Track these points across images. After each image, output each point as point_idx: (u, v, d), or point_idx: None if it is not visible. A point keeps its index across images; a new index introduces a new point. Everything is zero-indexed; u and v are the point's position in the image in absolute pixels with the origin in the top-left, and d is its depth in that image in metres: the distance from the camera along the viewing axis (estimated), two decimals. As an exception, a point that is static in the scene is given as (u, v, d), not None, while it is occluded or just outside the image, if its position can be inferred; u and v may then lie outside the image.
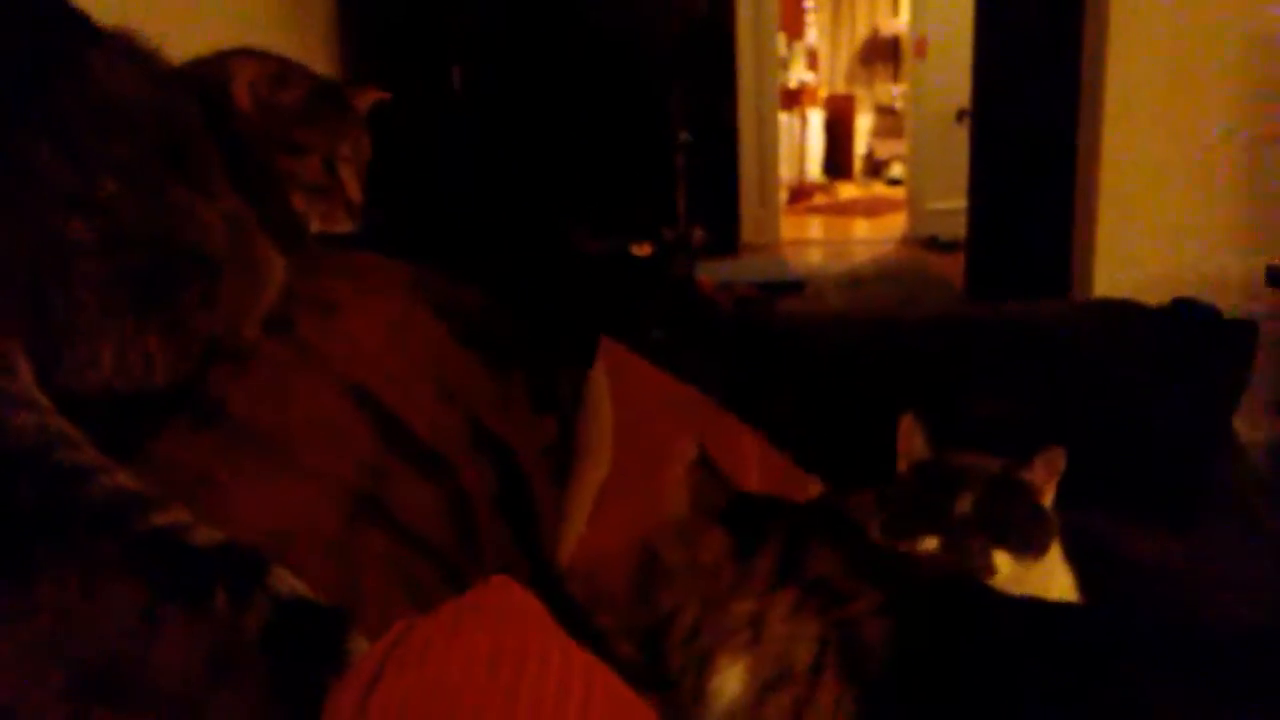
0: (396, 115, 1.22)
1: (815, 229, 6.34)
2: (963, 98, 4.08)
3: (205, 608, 0.59)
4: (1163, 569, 1.20)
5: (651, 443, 1.10)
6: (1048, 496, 1.09)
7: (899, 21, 7.45)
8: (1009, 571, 1.03)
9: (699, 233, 4.93)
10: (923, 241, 5.51)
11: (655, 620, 0.82)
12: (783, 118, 6.02)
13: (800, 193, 7.02)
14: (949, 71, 4.85)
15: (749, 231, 5.52)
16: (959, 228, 4.22)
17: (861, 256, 5.54)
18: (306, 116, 1.03)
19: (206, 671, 0.58)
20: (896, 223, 5.98)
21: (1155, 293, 1.71)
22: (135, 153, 0.78)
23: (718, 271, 4.60)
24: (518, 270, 1.45)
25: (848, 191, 7.37)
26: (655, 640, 0.85)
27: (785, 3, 6.30)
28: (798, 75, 7.30)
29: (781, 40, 6.21)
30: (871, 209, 6.63)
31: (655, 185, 3.15)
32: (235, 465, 0.72)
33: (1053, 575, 1.08)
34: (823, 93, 7.67)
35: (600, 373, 1.22)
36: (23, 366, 0.65)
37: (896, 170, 7.14)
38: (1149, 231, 2.71)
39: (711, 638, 0.83)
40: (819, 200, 7.08)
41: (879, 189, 7.34)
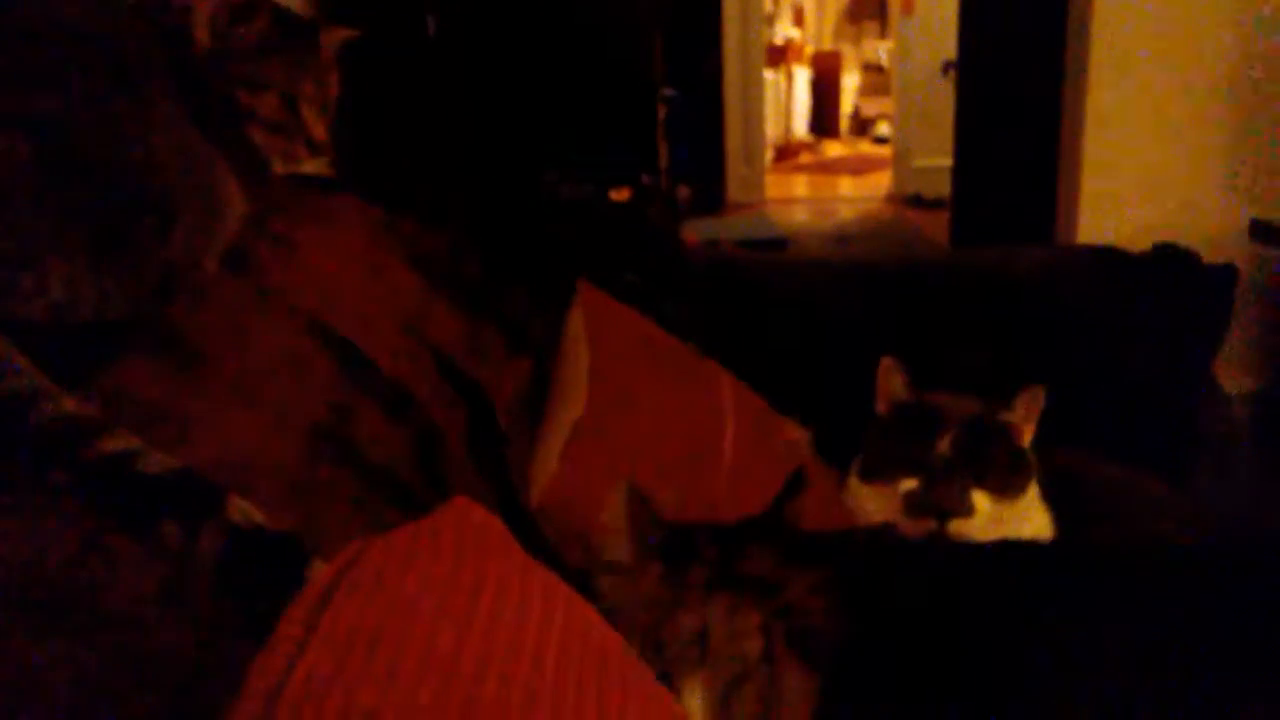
0: (370, 59, 1.19)
1: (801, 187, 6.30)
2: (950, 54, 4.04)
3: (155, 536, 0.57)
4: (1137, 501, 1.19)
5: (628, 385, 1.08)
6: (1027, 436, 1.08)
7: (887, -23, 7.37)
8: (988, 511, 1.02)
9: (684, 190, 4.90)
10: (908, 199, 5.49)
11: None
12: (768, 75, 5.95)
13: (786, 151, 6.97)
14: (937, 28, 4.80)
15: (734, 190, 5.48)
16: (944, 186, 4.19)
17: (847, 214, 5.52)
18: (266, 51, 1.00)
19: (159, 601, 0.56)
20: (882, 181, 5.95)
21: (1137, 246, 1.70)
22: (81, 75, 0.75)
23: (703, 230, 4.57)
24: (493, 214, 1.42)
25: (834, 150, 7.33)
26: None
27: (771, -43, 6.20)
28: (783, 31, 7.22)
29: (767, -5, 6.13)
30: (857, 167, 6.59)
31: (637, 139, 3.11)
32: (191, 397, 0.69)
33: (1030, 515, 1.08)
34: (809, 50, 7.59)
35: (577, 316, 1.20)
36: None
37: (883, 129, 7.10)
38: (1132, 186, 2.69)
39: (663, 664, 0.82)
40: (805, 159, 7.03)
41: (865, 147, 7.30)
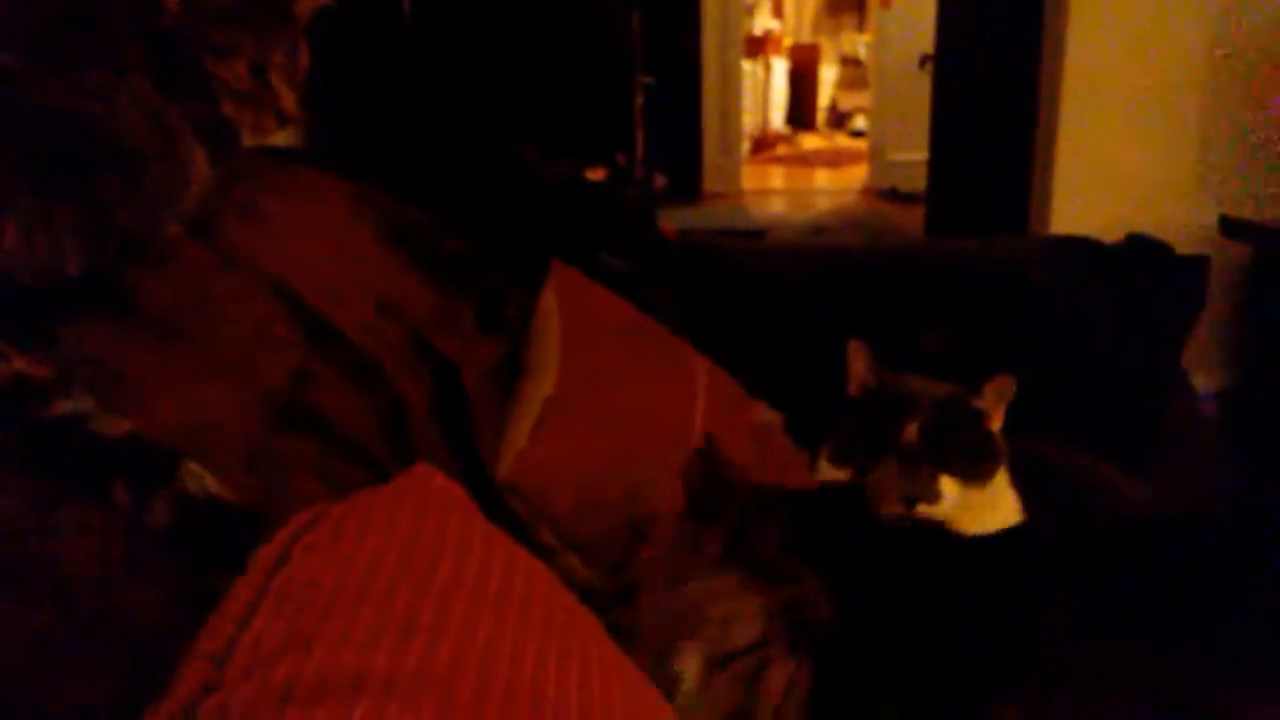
0: (343, 30, 1.17)
1: (777, 179, 6.30)
2: (927, 48, 4.05)
3: (106, 501, 0.55)
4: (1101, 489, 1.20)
5: (599, 364, 1.07)
6: (996, 422, 1.08)
7: (866, -30, 7.37)
8: (955, 497, 1.02)
9: (660, 179, 4.89)
10: (883, 193, 5.50)
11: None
12: (746, 65, 5.94)
13: (763, 142, 6.97)
14: (914, 22, 4.80)
15: (711, 180, 5.47)
16: (920, 180, 4.21)
17: (822, 206, 5.52)
18: (236, 18, 0.98)
19: (111, 567, 0.55)
20: (858, 174, 5.95)
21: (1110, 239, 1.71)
22: (43, 32, 0.73)
23: (679, 220, 4.56)
24: (468, 191, 1.40)
25: (810, 142, 7.33)
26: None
27: (751, -53, 6.19)
28: (762, 23, 7.21)
29: (747, -15, 6.12)
30: (834, 160, 6.60)
31: (614, 122, 3.09)
32: (150, 361, 0.68)
33: (998, 501, 1.08)
34: (787, 42, 7.58)
35: (550, 295, 1.19)
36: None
37: (859, 122, 7.11)
38: (1105, 182, 2.71)
39: (668, 625, 0.83)
40: (781, 150, 7.03)
41: (842, 140, 7.31)
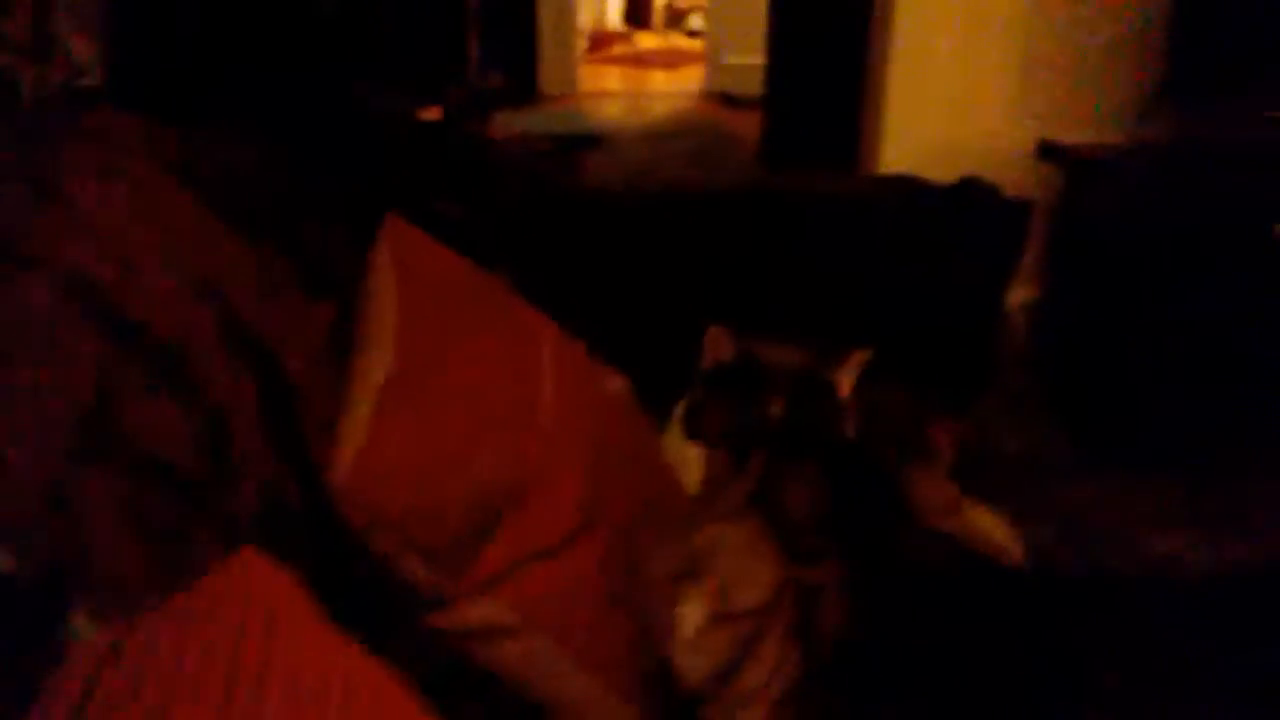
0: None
1: (614, 80, 6.17)
2: (765, -53, 3.98)
3: None
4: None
5: (440, 337, 1.01)
6: (846, 390, 1.10)
7: None
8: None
9: (496, 77, 4.69)
10: (719, 97, 5.47)
11: None
12: (581, -42, 5.72)
13: (599, 41, 6.79)
14: (752, -81, 4.71)
15: (547, 81, 5.30)
16: (755, 84, 4.19)
17: (659, 110, 5.46)
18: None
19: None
20: (694, 76, 5.90)
21: (937, 163, 1.74)
22: None
23: (515, 122, 4.40)
24: (286, 130, 1.28)
25: (647, 41, 7.19)
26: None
27: None
28: (597, -88, 6.94)
29: (580, -128, 5.83)
30: (670, 61, 6.50)
31: (447, 27, 2.91)
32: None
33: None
34: (622, -67, 7.34)
35: (384, 252, 1.11)
36: None
37: (695, 21, 7.02)
38: (935, 99, 2.77)
39: (678, 565, 0.82)
40: (618, 50, 6.87)
41: (678, 40, 7.20)
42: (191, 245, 0.92)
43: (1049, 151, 2.60)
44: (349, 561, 0.81)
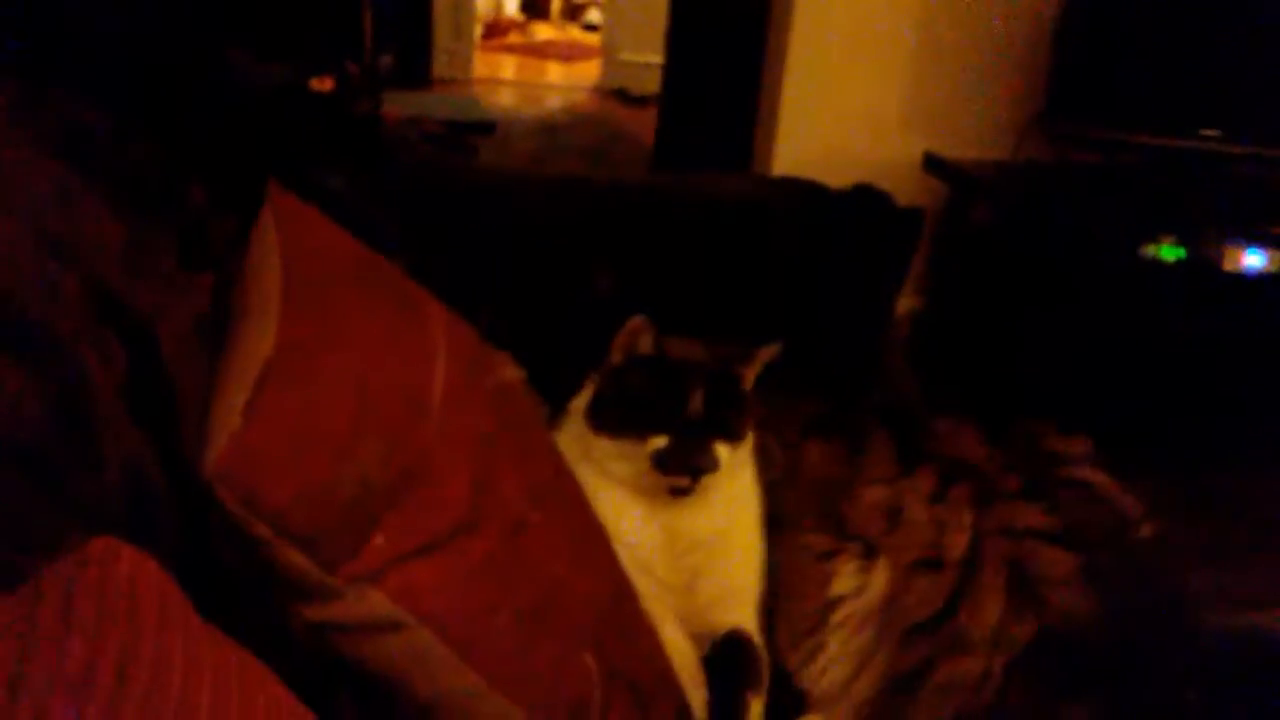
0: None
1: (509, 69, 6.09)
2: (666, -56, 3.98)
3: None
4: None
5: (326, 316, 0.95)
6: (750, 382, 1.10)
7: None
8: (725, 460, 1.04)
9: (387, 60, 4.56)
10: (615, 93, 5.46)
11: None
12: (480, -57, 5.63)
13: (495, 29, 6.69)
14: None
15: (441, 66, 5.19)
16: (651, 83, 4.19)
17: (554, 102, 5.41)
18: None
19: None
20: (590, 70, 5.87)
21: (828, 170, 1.77)
22: None
23: (407, 105, 4.29)
24: (163, 95, 1.20)
25: (544, 32, 7.12)
26: None
27: None
28: (498, -102, 6.84)
29: None
30: (567, 53, 6.46)
31: (340, 7, 2.81)
32: None
33: (744, 455, 1.11)
34: (523, -79, 7.26)
35: (268, 225, 1.04)
36: None
37: (594, 15, 6.99)
38: (828, 108, 2.82)
39: (839, 540, 0.83)
40: (514, 39, 6.79)
41: (575, 33, 7.16)
42: (53, 209, 0.85)
43: (934, 164, 2.68)
44: (220, 551, 0.76)
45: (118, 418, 0.71)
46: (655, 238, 1.44)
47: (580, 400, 1.13)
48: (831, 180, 1.60)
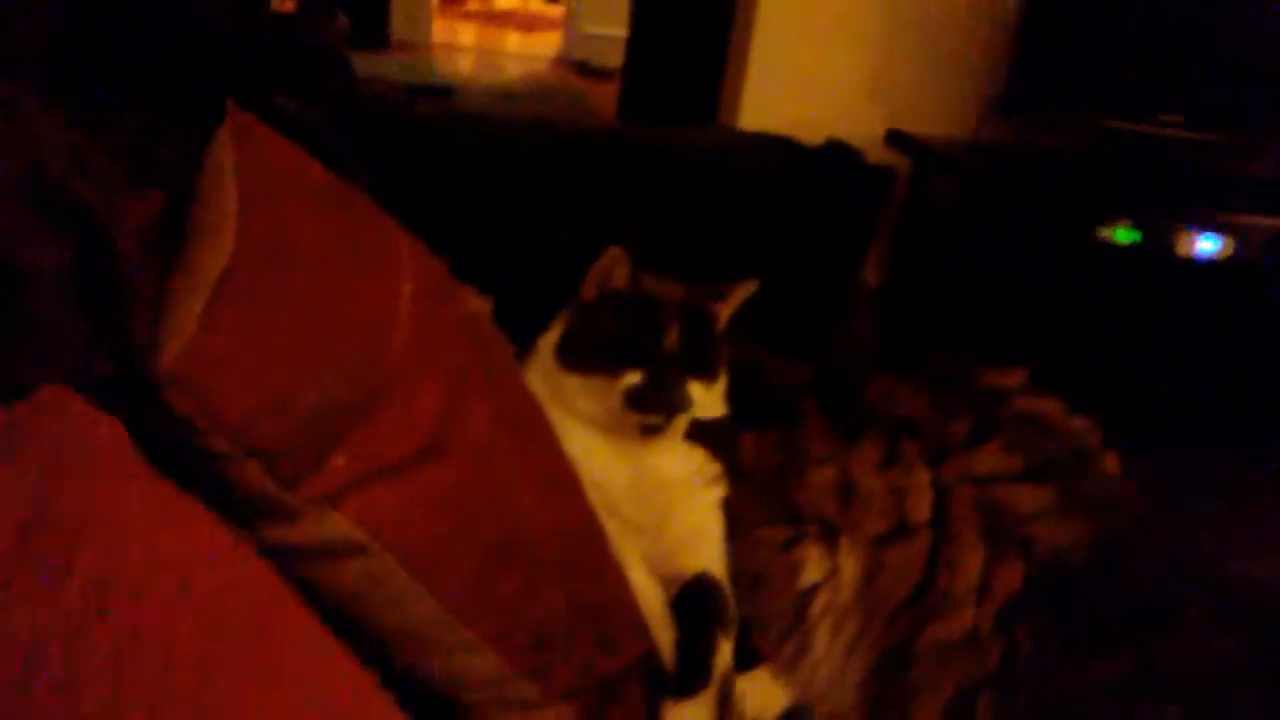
0: None
1: (468, 35, 5.99)
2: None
3: None
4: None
5: (286, 233, 0.91)
6: (724, 322, 1.08)
7: None
8: (699, 400, 1.02)
9: (343, 19, 4.45)
10: (575, 65, 5.40)
11: None
12: (442, -94, 5.52)
13: (455, -5, 6.59)
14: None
15: (399, 27, 5.08)
16: (613, 56, 4.15)
17: (513, 71, 5.33)
18: None
19: None
20: (550, 41, 5.80)
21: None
22: None
23: (363, 66, 4.19)
24: (114, 6, 1.13)
25: (503, 1, 7.03)
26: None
27: None
28: None
29: None
30: (527, 23, 6.38)
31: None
32: None
33: (717, 396, 1.08)
34: (486, -113, 7.14)
35: (225, 142, 0.99)
36: None
37: (555, -13, 6.91)
38: (793, 84, 2.81)
39: (795, 527, 0.79)
40: (473, 6, 6.69)
41: (535, 4, 7.08)
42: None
43: (897, 139, 2.67)
44: (172, 464, 0.71)
45: (65, 310, 0.66)
46: (623, 184, 1.40)
47: (549, 339, 1.10)
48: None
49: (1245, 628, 0.88)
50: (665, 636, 0.99)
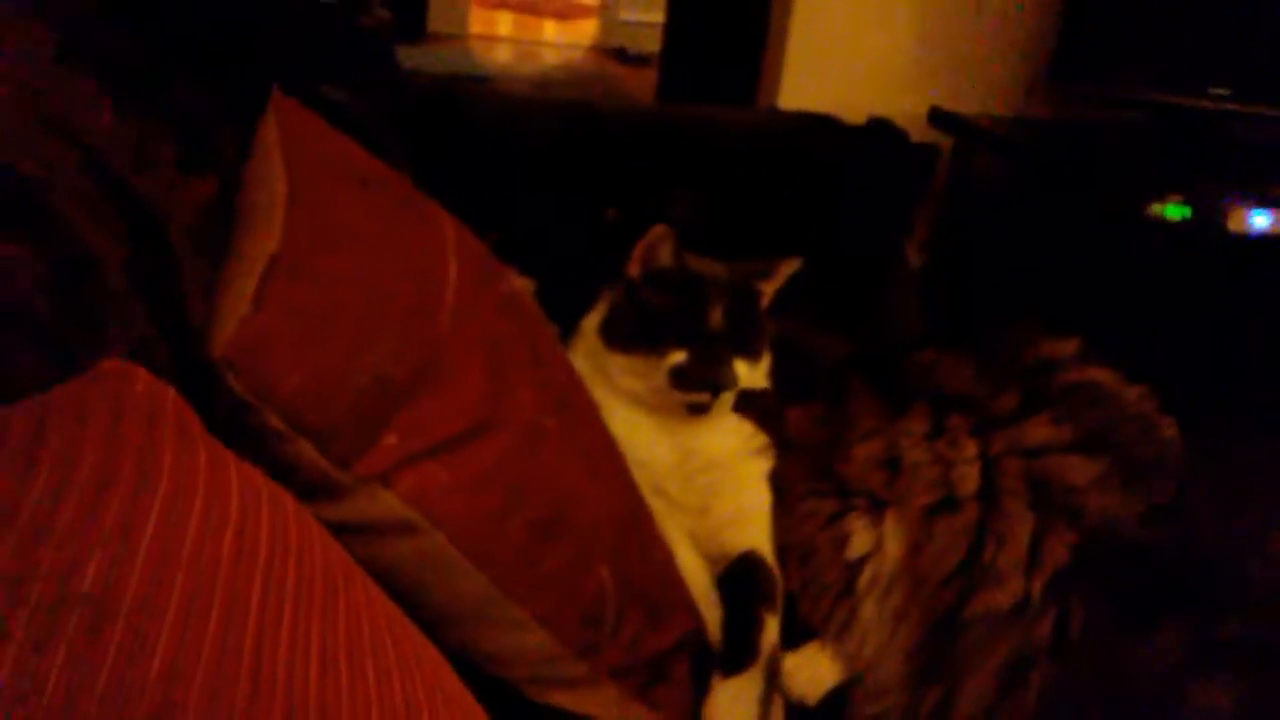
0: None
1: (505, 25, 6.00)
2: (668, -101, 3.91)
3: None
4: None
5: (334, 217, 0.92)
6: (768, 300, 1.08)
7: None
8: (744, 378, 1.02)
9: (382, 12, 4.48)
10: (612, 52, 5.39)
11: None
12: (478, -103, 5.53)
13: (491, -15, 6.59)
14: None
15: (436, 19, 5.11)
16: (649, 42, 4.14)
17: (550, 60, 5.34)
18: None
19: None
20: (587, 29, 5.80)
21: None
22: None
23: (402, 58, 4.23)
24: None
25: (540, -10, 7.02)
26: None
27: None
28: None
29: None
30: (564, 11, 6.37)
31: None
32: None
33: (761, 374, 1.08)
34: (521, -124, 7.13)
35: (272, 131, 1.01)
36: None
37: (591, -26, 6.89)
38: (833, 66, 2.77)
39: (842, 500, 0.80)
40: (510, -4, 6.69)
41: (572, -8, 7.06)
42: (55, 95, 0.81)
43: (940, 117, 2.64)
44: (228, 444, 0.73)
45: (124, 294, 0.68)
46: (664, 164, 1.40)
47: (592, 319, 1.10)
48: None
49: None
50: (712, 614, 0.99)
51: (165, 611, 0.30)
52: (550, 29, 6.06)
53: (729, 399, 1.02)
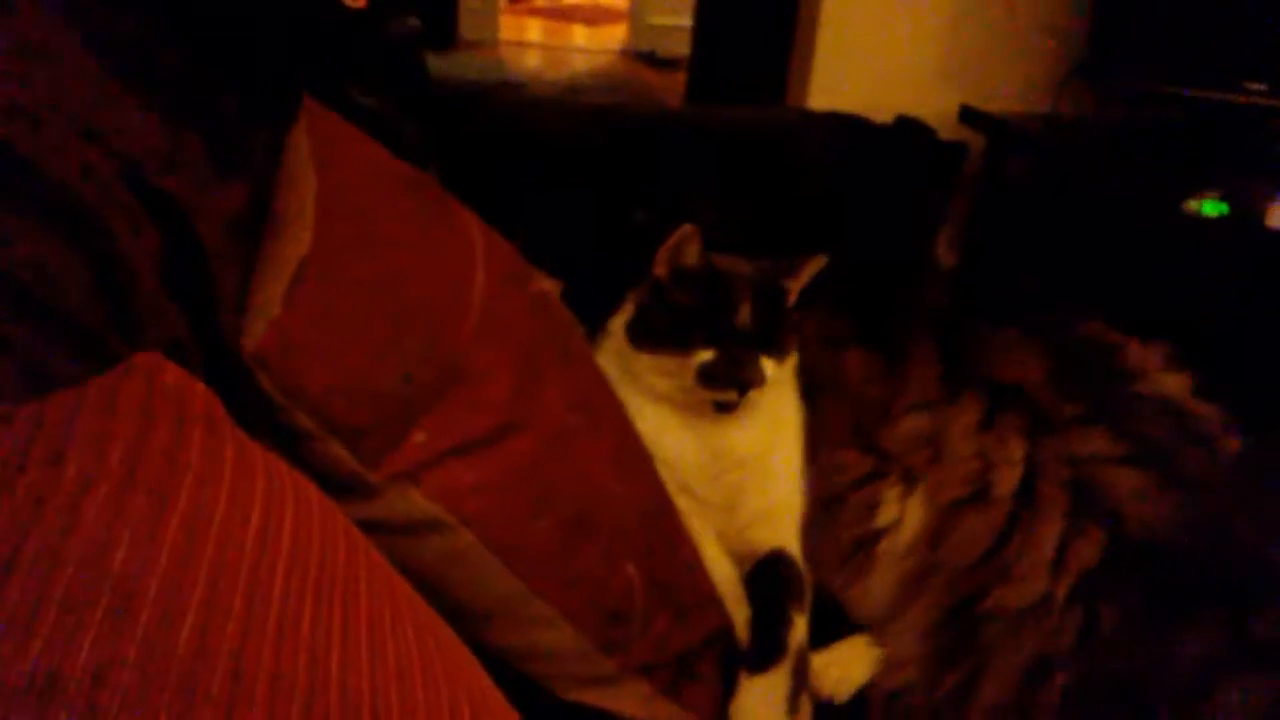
0: None
1: (535, 32, 6.04)
2: (696, -96, 3.92)
3: None
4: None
5: (363, 221, 0.94)
6: (794, 298, 1.08)
7: None
8: (772, 376, 1.02)
9: (413, 21, 4.53)
10: (642, 56, 5.41)
11: None
12: (507, -95, 5.57)
13: (521, -8, 6.64)
14: (683, -125, 4.64)
15: (466, 26, 5.15)
16: (679, 46, 4.14)
17: (580, 65, 5.36)
18: None
19: None
20: (617, 34, 5.82)
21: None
22: None
23: (433, 66, 4.27)
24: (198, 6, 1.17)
25: (570, -3, 7.07)
26: None
27: None
28: None
29: None
30: (593, 17, 6.40)
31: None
32: None
33: (788, 372, 1.09)
34: (550, -117, 7.18)
35: (302, 136, 1.03)
36: None
37: (620, -20, 6.91)
38: (862, 65, 2.76)
39: (878, 463, 0.80)
40: (539, 2, 6.74)
41: (601, -2, 7.10)
42: (92, 103, 0.83)
43: (971, 115, 2.62)
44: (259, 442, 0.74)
45: (156, 296, 0.69)
46: (693, 165, 1.41)
47: (619, 319, 1.11)
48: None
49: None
50: (740, 612, 0.99)
51: (190, 596, 0.31)
52: (580, 34, 6.09)
53: (756, 397, 1.02)
